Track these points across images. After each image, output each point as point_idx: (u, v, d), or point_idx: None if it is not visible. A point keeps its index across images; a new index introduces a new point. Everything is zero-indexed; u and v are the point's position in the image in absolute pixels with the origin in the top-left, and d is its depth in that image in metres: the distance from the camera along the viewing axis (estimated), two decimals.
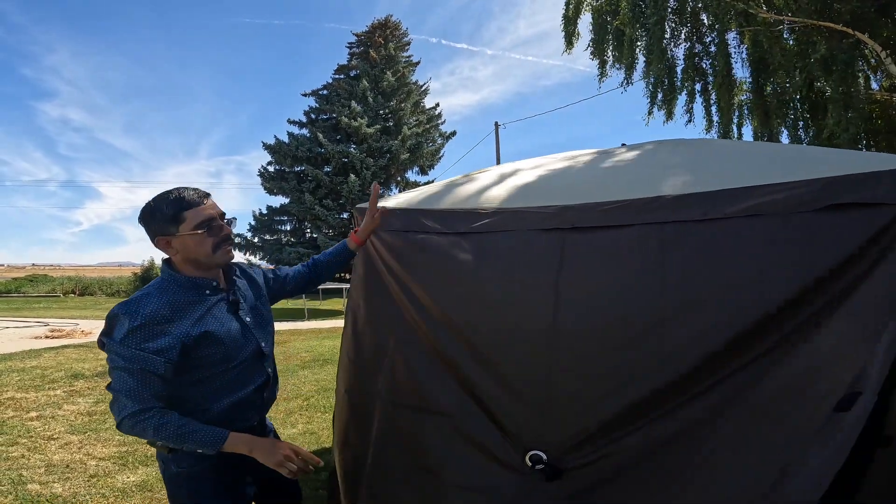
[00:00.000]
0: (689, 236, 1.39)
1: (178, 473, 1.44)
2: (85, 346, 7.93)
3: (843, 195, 1.22)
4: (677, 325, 1.36)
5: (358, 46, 26.20)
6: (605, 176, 2.03)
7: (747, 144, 2.36)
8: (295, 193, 23.62)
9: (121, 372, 1.29)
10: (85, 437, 3.81)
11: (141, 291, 1.39)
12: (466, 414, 1.62)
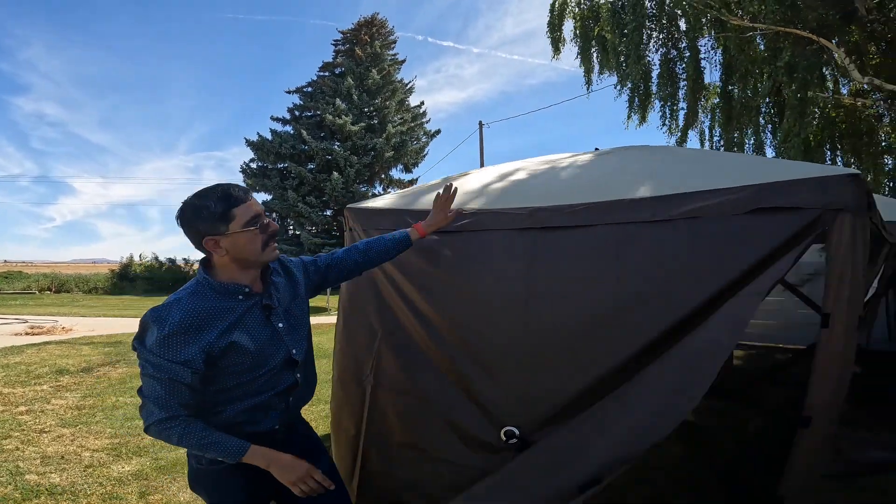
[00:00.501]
0: (641, 235, 1.59)
1: (197, 469, 1.46)
2: (67, 343, 7.88)
3: (769, 200, 1.42)
4: (630, 313, 1.56)
5: (343, 44, 26.16)
6: (574, 179, 2.23)
7: (697, 152, 2.58)
8: (278, 190, 23.53)
9: (150, 379, 1.30)
10: (76, 430, 3.88)
11: (174, 295, 1.36)
12: (448, 396, 1.81)
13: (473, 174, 2.66)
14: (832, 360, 1.43)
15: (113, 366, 6.27)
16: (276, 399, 1.45)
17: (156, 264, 24.48)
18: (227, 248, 1.34)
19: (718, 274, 1.43)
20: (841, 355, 1.42)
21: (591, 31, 7.59)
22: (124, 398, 4.81)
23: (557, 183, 2.23)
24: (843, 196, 1.38)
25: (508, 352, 1.79)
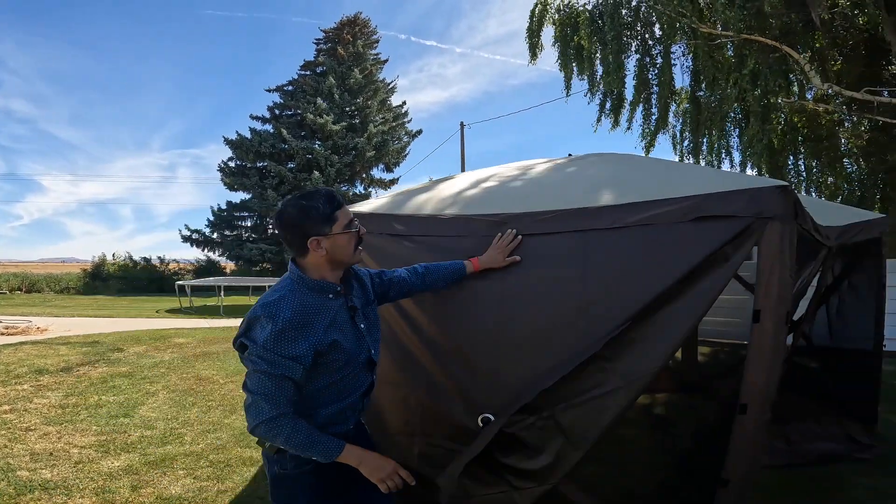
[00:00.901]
0: (602, 241, 1.78)
1: (279, 475, 1.46)
2: (43, 343, 7.78)
3: (709, 209, 1.63)
4: (594, 312, 1.75)
5: (325, 43, 26.03)
6: (546, 186, 2.42)
7: (654, 162, 2.81)
8: (257, 189, 23.34)
9: (261, 375, 1.31)
10: (62, 428, 3.92)
11: (277, 292, 1.39)
12: (432, 387, 1.98)
13: (454, 179, 2.84)
14: (763, 352, 1.64)
15: (92, 365, 6.27)
16: (358, 400, 1.52)
17: (130, 264, 24.01)
18: (327, 249, 1.40)
19: (667, 275, 1.63)
20: (771, 347, 1.63)
21: (569, 38, 7.84)
22: (107, 397, 4.86)
23: (530, 189, 2.42)
24: (773, 206, 1.59)
25: (484, 346, 1.95)
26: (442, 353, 2.03)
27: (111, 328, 9.76)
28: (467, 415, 1.96)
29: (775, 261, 1.59)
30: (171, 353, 7.16)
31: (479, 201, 2.31)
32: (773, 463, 3.19)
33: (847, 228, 2.65)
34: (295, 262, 1.44)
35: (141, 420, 4.18)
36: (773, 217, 1.59)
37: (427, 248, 2.16)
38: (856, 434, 3.40)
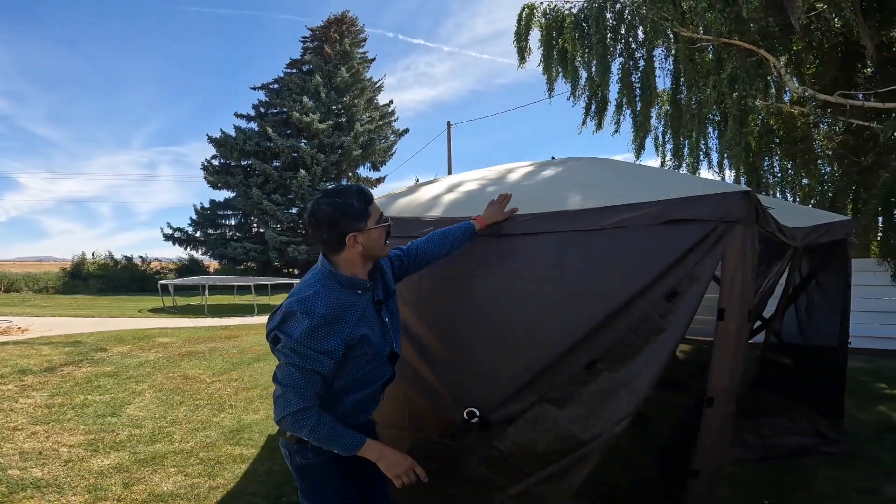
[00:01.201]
0: (580, 242, 1.88)
1: (302, 465, 1.51)
2: (25, 343, 7.66)
3: (678, 213, 1.74)
4: (570, 309, 1.86)
5: (312, 41, 25.93)
6: (529, 189, 2.52)
7: (630, 166, 2.94)
8: (241, 188, 23.19)
9: (292, 368, 1.36)
10: (50, 427, 3.92)
11: (311, 287, 1.42)
12: (421, 381, 2.07)
13: (440, 181, 2.93)
14: (727, 347, 1.76)
15: (76, 365, 6.22)
16: (379, 390, 1.59)
17: (111, 262, 23.62)
18: (363, 244, 1.44)
19: (640, 275, 1.74)
20: (734, 343, 1.75)
21: (554, 42, 8.00)
22: (93, 396, 4.85)
23: (514, 192, 2.53)
24: (736, 210, 1.71)
25: (469, 343, 2.05)
26: (428, 350, 2.11)
27: (93, 328, 9.65)
28: (453, 409, 2.05)
29: (738, 262, 1.71)
30: (156, 353, 7.13)
31: (464, 203, 2.41)
32: (746, 456, 3.34)
33: (813, 230, 2.79)
34: (326, 257, 1.47)
35: (129, 419, 4.19)
36: (737, 221, 1.71)
37: None
38: (824, 429, 3.56)
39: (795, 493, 2.90)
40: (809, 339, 3.78)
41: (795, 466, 3.25)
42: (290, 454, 1.53)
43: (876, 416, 4.24)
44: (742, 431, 3.51)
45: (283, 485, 2.94)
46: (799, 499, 2.83)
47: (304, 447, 1.47)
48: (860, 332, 6.89)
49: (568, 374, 1.87)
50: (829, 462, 3.30)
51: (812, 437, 3.53)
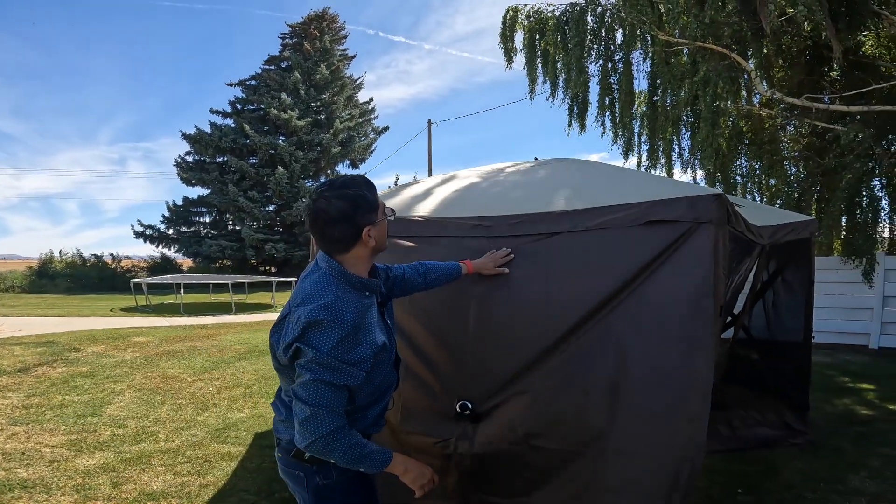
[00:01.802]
0: (565, 242, 1.98)
1: (324, 486, 1.38)
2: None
3: (656, 214, 1.86)
4: (556, 305, 1.96)
5: (292, 37, 25.64)
6: (515, 190, 2.61)
7: (611, 168, 3.05)
8: (217, 184, 22.81)
9: (322, 386, 1.20)
10: (29, 428, 3.85)
11: (328, 291, 1.27)
12: (414, 376, 2.14)
13: (426, 181, 3.00)
14: None
15: (50, 366, 6.09)
16: (390, 399, 1.50)
17: (79, 261, 22.96)
18: (376, 238, 1.33)
19: (620, 273, 1.85)
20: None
21: (537, 44, 8.15)
22: (70, 397, 4.77)
23: (501, 193, 2.61)
24: (709, 211, 1.83)
25: (461, 339, 2.12)
26: (420, 346, 2.19)
27: (65, 327, 9.41)
28: (446, 401, 2.13)
29: (711, 260, 1.82)
30: (133, 353, 7.01)
31: (452, 204, 2.48)
32: (717, 448, 3.48)
33: (779, 228, 2.96)
34: (331, 256, 1.33)
35: (110, 419, 4.15)
36: (710, 221, 1.83)
37: (403, 247, 2.31)
38: (791, 421, 3.72)
39: (766, 483, 3.03)
40: (776, 334, 3.96)
41: (765, 457, 3.40)
42: (306, 476, 1.38)
43: (839, 409, 4.46)
44: (714, 423, 3.66)
45: (274, 482, 2.97)
46: (769, 488, 2.96)
47: (326, 467, 1.34)
48: (824, 327, 7.23)
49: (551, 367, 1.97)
50: (796, 453, 3.45)
51: (780, 429, 3.69)
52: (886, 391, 5.01)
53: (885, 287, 6.91)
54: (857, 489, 2.93)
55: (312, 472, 1.37)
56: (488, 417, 2.07)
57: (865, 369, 5.95)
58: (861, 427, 3.97)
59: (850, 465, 3.25)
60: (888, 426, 3.99)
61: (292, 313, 1.28)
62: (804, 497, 2.83)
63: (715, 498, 2.85)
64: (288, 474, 1.44)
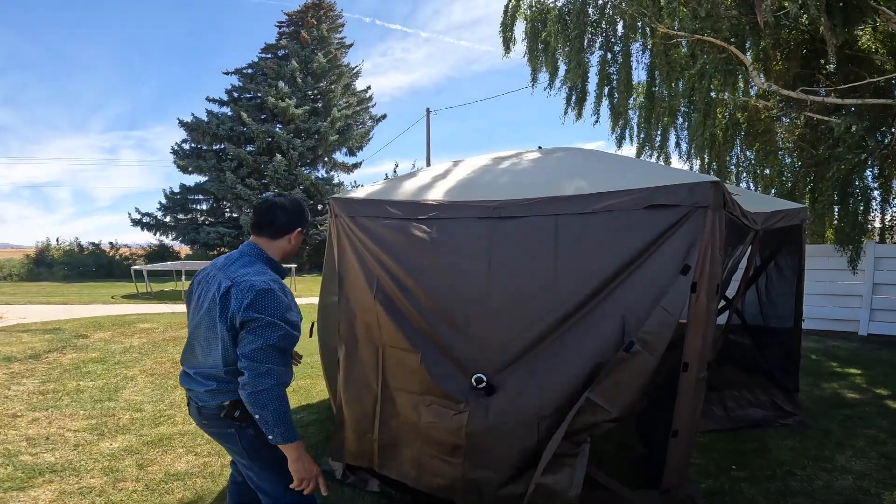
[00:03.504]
0: (573, 223, 2.12)
1: (256, 435, 1.61)
2: (2, 331, 7.46)
3: (658, 199, 2.00)
4: (564, 281, 2.10)
5: (288, 26, 25.40)
6: (521, 176, 2.75)
7: (614, 157, 3.21)
8: (214, 172, 22.73)
9: (272, 348, 1.49)
10: (50, 413, 3.95)
11: (267, 269, 1.62)
12: (429, 349, 2.29)
13: (439, 167, 3.15)
14: (699, 317, 2.04)
15: (60, 352, 6.18)
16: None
17: (76, 249, 22.92)
18: (295, 243, 1.74)
19: (625, 252, 2.01)
20: (705, 313, 2.03)
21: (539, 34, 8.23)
22: (85, 382, 4.88)
23: (510, 179, 2.74)
24: (706, 197, 1.97)
25: (473, 314, 2.27)
26: (434, 320, 2.34)
27: (68, 315, 9.49)
28: (461, 375, 2.28)
29: (708, 242, 1.98)
30: (140, 339, 7.11)
31: (466, 188, 2.62)
32: (712, 427, 3.66)
33: (771, 215, 3.11)
34: (258, 245, 1.70)
35: (127, 403, 4.27)
36: (707, 206, 1.98)
37: (419, 230, 2.45)
38: (781, 403, 3.91)
39: (758, 461, 3.18)
40: (768, 319, 4.13)
41: (757, 436, 3.57)
42: (238, 432, 1.65)
43: (828, 393, 4.63)
44: (709, 404, 3.84)
45: None
46: (761, 465, 3.11)
47: (253, 422, 1.58)
48: (815, 314, 7.42)
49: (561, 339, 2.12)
50: (786, 433, 3.61)
51: (771, 410, 3.88)
52: (873, 376, 5.18)
53: (874, 275, 7.07)
54: (843, 467, 3.08)
55: (243, 427, 1.65)
56: (502, 390, 2.21)
57: (853, 355, 6.12)
58: (848, 410, 4.12)
59: (837, 445, 3.40)
60: (874, 409, 4.14)
61: (235, 286, 1.56)
62: (794, 474, 2.99)
63: (711, 473, 3.02)
64: (219, 435, 1.72)
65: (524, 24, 8.25)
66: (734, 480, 2.92)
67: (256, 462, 1.70)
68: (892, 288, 7.04)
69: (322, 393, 4.55)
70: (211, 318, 1.62)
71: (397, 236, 2.47)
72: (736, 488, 2.83)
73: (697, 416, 2.26)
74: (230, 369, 1.61)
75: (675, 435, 2.23)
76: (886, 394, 4.58)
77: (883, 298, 7.08)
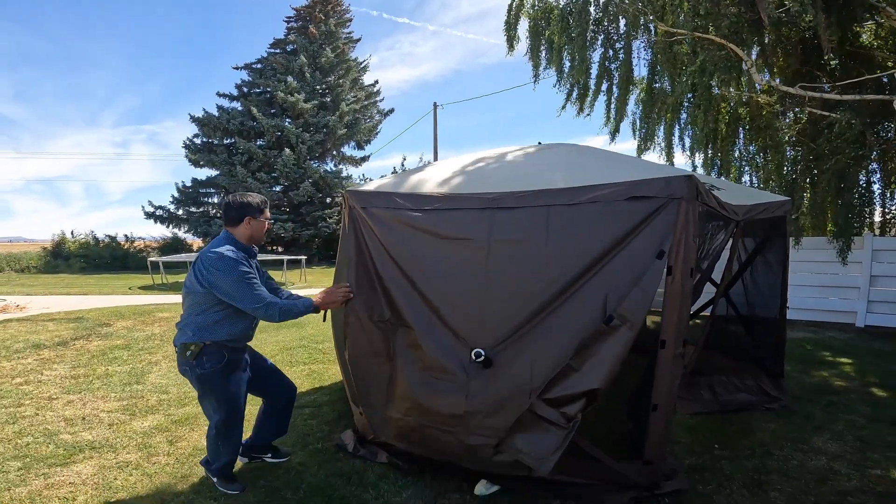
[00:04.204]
0: (562, 213, 2.37)
1: (201, 375, 2.44)
2: (29, 320, 7.85)
3: (637, 191, 2.23)
4: (554, 264, 2.35)
5: (296, 21, 25.63)
6: (518, 170, 2.99)
7: (603, 152, 3.42)
8: (225, 166, 23.12)
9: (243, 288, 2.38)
10: (83, 396, 4.23)
11: (224, 245, 2.46)
12: (433, 326, 2.55)
13: (446, 162, 3.41)
14: (674, 297, 2.28)
15: (86, 339, 6.50)
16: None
17: (92, 241, 23.48)
18: (252, 228, 2.59)
19: (608, 238, 2.25)
20: (679, 293, 2.26)
21: (541, 32, 8.41)
22: (112, 367, 5.17)
23: (508, 173, 2.99)
24: (681, 189, 2.21)
25: (472, 295, 2.52)
26: (438, 300, 2.61)
27: (89, 305, 9.86)
28: (461, 349, 2.54)
29: (682, 229, 2.21)
30: (160, 327, 7.43)
31: (468, 181, 2.87)
32: (701, 410, 3.87)
33: (753, 207, 3.33)
34: (227, 230, 2.57)
35: (153, 386, 4.56)
36: (682, 198, 2.21)
37: (426, 220, 2.72)
38: (768, 388, 4.09)
39: (740, 441, 3.36)
40: (755, 307, 4.33)
41: (742, 419, 3.75)
42: (190, 369, 2.45)
43: (816, 380, 4.77)
44: (698, 388, 4.07)
45: (307, 436, 3.41)
46: (742, 445, 3.30)
47: (201, 361, 2.42)
48: (812, 305, 7.59)
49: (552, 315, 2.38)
50: (770, 416, 3.78)
51: (757, 395, 4.06)
52: (863, 365, 5.30)
53: (872, 267, 7.19)
54: (818, 449, 3.26)
55: (193, 365, 2.43)
56: (497, 364, 2.47)
57: (847, 345, 6.23)
58: (833, 396, 4.26)
59: (816, 429, 3.57)
60: (858, 396, 4.28)
61: (203, 257, 2.41)
62: (771, 454, 3.18)
63: (695, 451, 3.21)
64: (183, 371, 2.54)
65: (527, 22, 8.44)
66: (716, 458, 3.11)
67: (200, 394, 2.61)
68: (889, 280, 7.14)
69: (335, 376, 4.83)
70: (189, 279, 2.48)
71: (405, 225, 2.73)
72: (716, 465, 3.01)
73: (675, 390, 2.49)
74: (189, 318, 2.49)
75: (654, 409, 2.46)
76: (873, 381, 4.70)
77: (880, 290, 7.19)
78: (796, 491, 2.74)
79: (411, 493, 2.67)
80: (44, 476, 2.88)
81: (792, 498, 2.67)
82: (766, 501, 2.64)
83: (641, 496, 2.56)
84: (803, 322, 7.55)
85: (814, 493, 2.72)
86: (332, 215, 23.40)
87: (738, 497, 2.67)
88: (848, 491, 2.74)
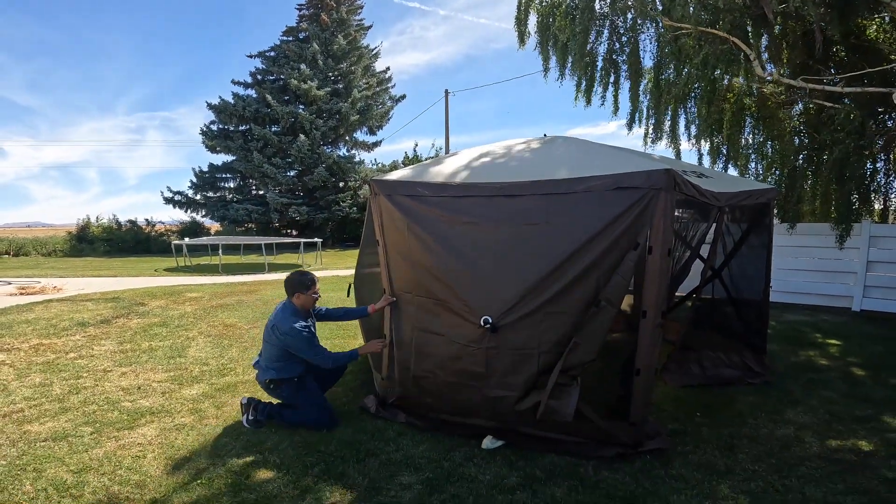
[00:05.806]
0: (560, 201, 2.76)
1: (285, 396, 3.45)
2: (69, 301, 8.17)
3: (623, 182, 2.62)
4: (553, 246, 2.75)
5: (308, 8, 25.80)
6: (523, 162, 3.38)
7: (598, 145, 3.76)
8: (241, 152, 23.64)
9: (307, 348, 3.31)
10: (134, 368, 4.64)
11: (290, 313, 3.39)
12: (450, 298, 2.98)
13: (462, 155, 3.78)
14: (654, 273, 2.67)
15: (126, 318, 6.87)
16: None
17: (115, 226, 24.25)
18: (302, 300, 3.44)
19: (598, 223, 2.65)
20: (658, 269, 2.66)
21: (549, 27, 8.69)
22: (155, 343, 5.59)
23: (516, 164, 3.37)
24: (660, 181, 2.58)
25: (483, 269, 2.92)
26: (455, 275, 3.01)
27: (122, 286, 10.28)
28: (471, 317, 2.95)
29: (661, 215, 2.60)
30: (191, 306, 7.80)
31: (479, 172, 3.27)
32: (689, 382, 4.23)
33: (736, 194, 3.67)
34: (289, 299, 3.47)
35: (194, 359, 5.00)
36: (661, 188, 2.59)
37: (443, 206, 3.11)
38: (751, 364, 4.41)
39: (721, 411, 3.68)
40: (740, 289, 4.66)
41: (725, 392, 4.02)
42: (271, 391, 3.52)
43: (801, 359, 5.04)
44: (688, 362, 4.44)
45: (335, 400, 3.87)
46: (722, 414, 3.62)
47: (279, 388, 3.47)
48: (810, 289, 7.86)
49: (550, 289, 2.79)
50: (751, 390, 4.07)
51: (741, 370, 4.38)
52: (850, 347, 5.50)
53: (869, 252, 7.40)
54: (789, 420, 3.55)
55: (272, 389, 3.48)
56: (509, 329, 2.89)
57: (839, 328, 6.44)
58: (814, 374, 4.52)
59: (791, 402, 3.85)
60: (838, 375, 4.52)
61: (280, 323, 3.32)
62: (746, 422, 3.52)
63: (678, 419, 3.58)
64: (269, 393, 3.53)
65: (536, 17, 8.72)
66: (696, 425, 3.45)
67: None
68: (885, 265, 7.33)
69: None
70: (267, 334, 3.40)
71: (425, 210, 3.14)
72: (696, 431, 3.36)
73: (655, 356, 2.88)
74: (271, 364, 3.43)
75: (638, 374, 2.86)
76: (855, 362, 4.96)
77: (876, 276, 7.41)
78: (761, 454, 3.10)
79: (427, 447, 3.13)
80: (115, 439, 3.24)
81: (756, 459, 3.04)
82: (734, 461, 3.00)
83: (627, 452, 2.95)
84: (801, 306, 7.81)
85: (776, 457, 3.06)
86: (346, 199, 23.87)
87: (711, 457, 3.05)
88: (807, 457, 3.06)
